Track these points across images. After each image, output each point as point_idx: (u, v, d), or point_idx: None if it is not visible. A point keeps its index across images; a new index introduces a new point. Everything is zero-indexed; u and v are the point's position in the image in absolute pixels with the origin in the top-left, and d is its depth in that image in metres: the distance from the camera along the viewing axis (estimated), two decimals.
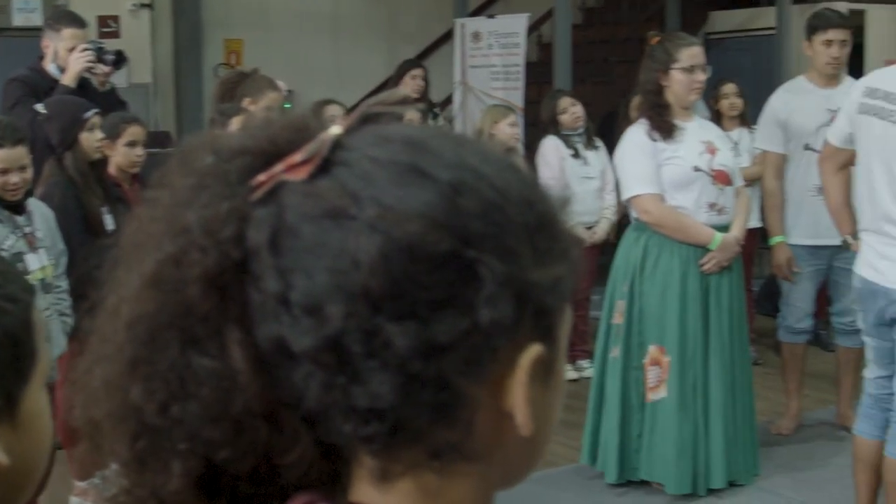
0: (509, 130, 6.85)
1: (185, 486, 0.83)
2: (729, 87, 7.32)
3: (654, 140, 4.91)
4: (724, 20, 12.51)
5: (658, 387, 4.94)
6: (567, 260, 0.85)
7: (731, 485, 5.09)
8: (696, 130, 5.01)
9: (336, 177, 0.80)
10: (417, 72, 8.31)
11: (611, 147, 6.88)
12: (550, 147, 7.04)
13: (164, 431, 0.82)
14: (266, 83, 5.44)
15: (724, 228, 4.97)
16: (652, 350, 4.93)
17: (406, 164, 0.81)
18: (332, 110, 5.77)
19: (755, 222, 6.67)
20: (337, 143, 0.82)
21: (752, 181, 6.36)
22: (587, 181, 7.02)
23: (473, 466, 0.83)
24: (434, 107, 8.64)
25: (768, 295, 7.78)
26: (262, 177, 0.81)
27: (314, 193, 0.79)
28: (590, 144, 7.11)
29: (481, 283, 0.78)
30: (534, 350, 0.82)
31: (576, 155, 7.00)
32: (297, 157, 0.81)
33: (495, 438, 0.83)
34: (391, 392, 0.78)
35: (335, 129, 0.83)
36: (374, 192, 0.79)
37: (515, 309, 0.80)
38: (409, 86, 8.22)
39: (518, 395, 0.82)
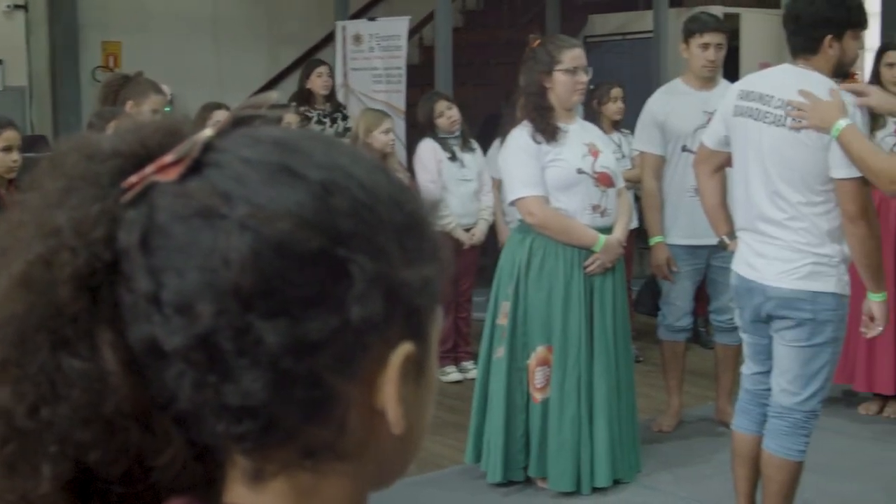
0: (383, 138, 6.84)
1: (55, 489, 0.81)
2: (616, 91, 7.41)
3: (538, 142, 4.94)
4: (602, 23, 12.66)
5: (546, 386, 4.98)
6: (436, 260, 0.87)
7: (615, 482, 5.15)
8: (579, 132, 5.06)
9: (207, 177, 0.80)
10: (323, 69, 8.35)
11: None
12: (427, 150, 7.04)
13: (34, 434, 0.80)
14: (149, 86, 5.38)
15: (606, 230, 5.03)
16: (540, 350, 4.97)
17: (277, 165, 0.81)
18: (220, 115, 5.72)
19: (634, 223, 6.78)
20: (208, 145, 0.82)
21: (634, 183, 6.45)
22: (465, 183, 7.04)
23: (346, 465, 0.84)
24: (341, 106, 8.63)
25: (648, 294, 7.88)
26: (133, 178, 0.81)
27: (185, 194, 0.79)
28: (466, 146, 7.13)
29: (352, 280, 0.79)
30: (405, 348, 0.83)
31: (453, 157, 7.02)
32: (167, 158, 0.81)
33: (368, 437, 0.84)
34: (263, 390, 0.78)
35: (206, 132, 0.83)
36: (246, 191, 0.79)
37: (385, 307, 0.81)
38: (318, 84, 8.23)
39: (389, 392, 0.82)
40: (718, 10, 10.72)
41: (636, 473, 5.26)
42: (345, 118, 8.39)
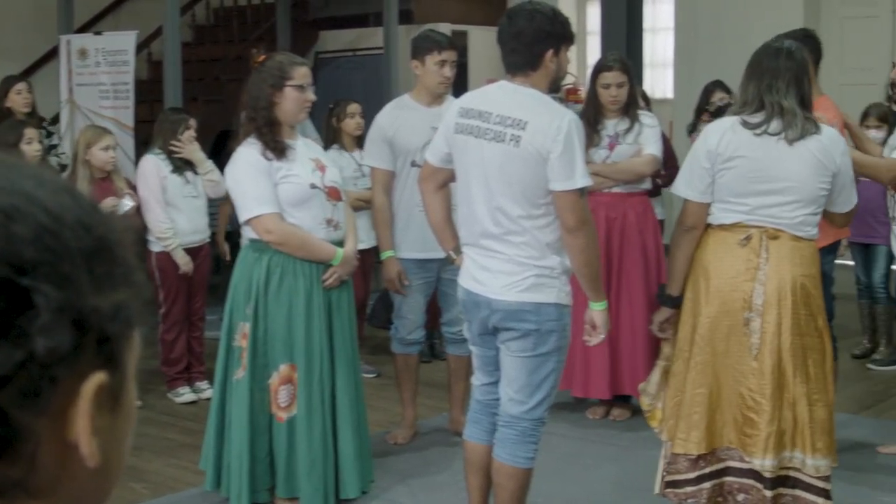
0: (103, 155, 6.66)
1: None
2: (353, 107, 7.44)
3: (269, 159, 4.89)
4: (334, 40, 12.74)
5: (291, 405, 4.94)
6: (130, 285, 0.85)
7: (351, 497, 5.14)
8: (304, 149, 5.05)
9: None
10: (22, 86, 8.05)
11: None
12: (149, 166, 6.87)
13: None
14: None
15: (338, 243, 5.04)
16: (283, 369, 4.91)
17: None
18: None
19: (370, 243, 6.92)
20: None
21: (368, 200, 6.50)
22: (192, 200, 6.93)
23: (39, 502, 0.81)
24: (43, 121, 8.36)
25: (382, 308, 7.95)
26: None
27: None
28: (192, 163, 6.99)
29: (37, 311, 0.77)
30: (97, 378, 0.81)
31: (176, 171, 6.86)
32: None
33: (61, 471, 0.81)
34: None
35: None
36: None
37: (74, 337, 0.78)
38: (17, 102, 7.94)
39: (82, 425, 0.80)
40: (447, 28, 10.97)
41: (370, 484, 5.28)
42: (49, 135, 8.14)
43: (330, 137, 7.45)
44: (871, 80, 10.15)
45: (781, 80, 4.35)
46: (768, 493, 4.30)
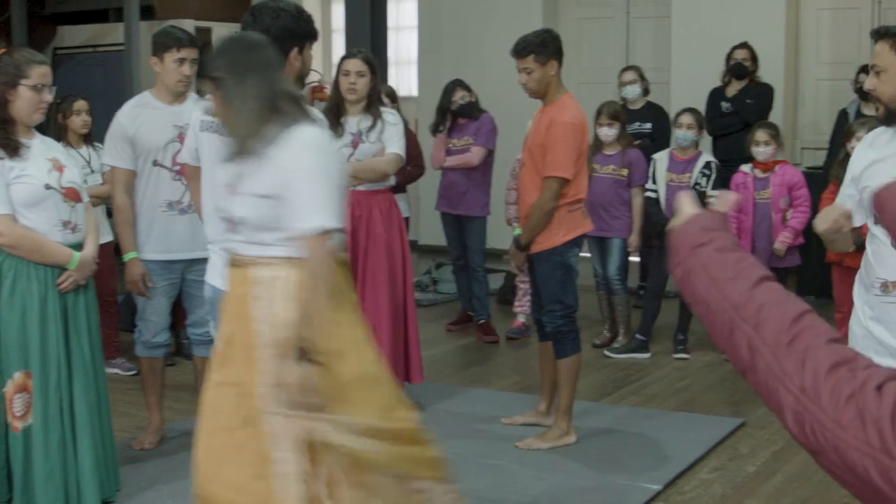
0: None
1: None
2: (81, 105, 7.26)
3: (1, 158, 4.74)
4: (73, 35, 12.42)
5: (26, 414, 4.78)
6: None
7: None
8: (41, 147, 4.91)
9: None
10: None
11: None
12: None
13: None
14: None
15: (77, 246, 4.92)
16: (18, 377, 4.76)
17: None
18: None
19: (109, 237, 6.78)
20: None
21: (103, 199, 6.34)
22: None
23: None
24: None
25: (127, 310, 7.80)
26: None
27: None
28: None
29: None
30: None
31: None
32: None
33: None
34: None
35: None
36: None
37: None
38: None
39: None
40: (190, 25, 10.84)
41: (117, 492, 5.18)
42: None
43: (56, 134, 7.26)
44: (607, 79, 10.56)
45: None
46: None
